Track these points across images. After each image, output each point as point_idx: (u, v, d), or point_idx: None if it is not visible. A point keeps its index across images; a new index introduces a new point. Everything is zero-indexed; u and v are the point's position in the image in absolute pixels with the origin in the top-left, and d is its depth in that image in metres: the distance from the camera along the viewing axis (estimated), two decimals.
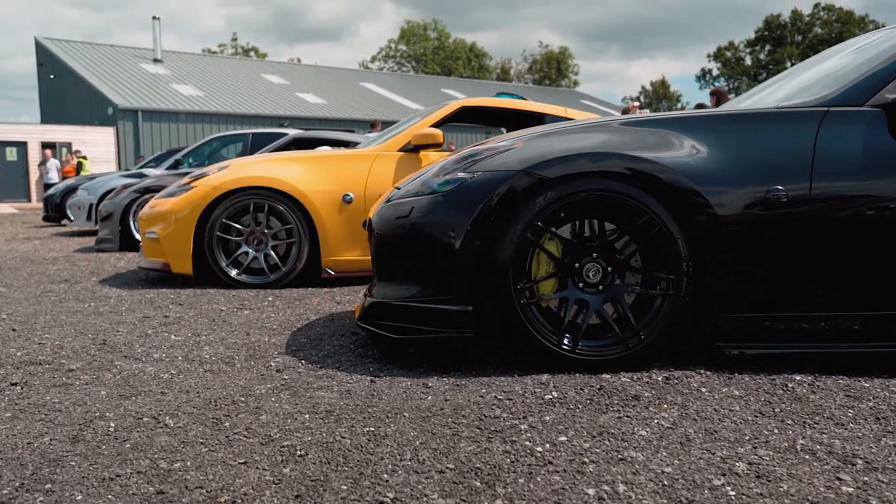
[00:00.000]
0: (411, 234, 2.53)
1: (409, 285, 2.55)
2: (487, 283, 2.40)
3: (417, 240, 2.51)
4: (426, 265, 2.49)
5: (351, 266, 4.63)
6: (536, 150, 2.44)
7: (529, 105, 5.03)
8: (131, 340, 3.06)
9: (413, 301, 2.51)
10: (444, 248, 2.43)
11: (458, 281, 2.42)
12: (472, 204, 2.41)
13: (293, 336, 3.14)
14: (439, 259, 2.44)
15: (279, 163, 4.68)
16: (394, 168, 4.67)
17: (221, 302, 4.07)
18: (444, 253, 2.43)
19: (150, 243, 4.71)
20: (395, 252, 2.61)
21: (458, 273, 2.41)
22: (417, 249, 2.51)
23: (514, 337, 2.40)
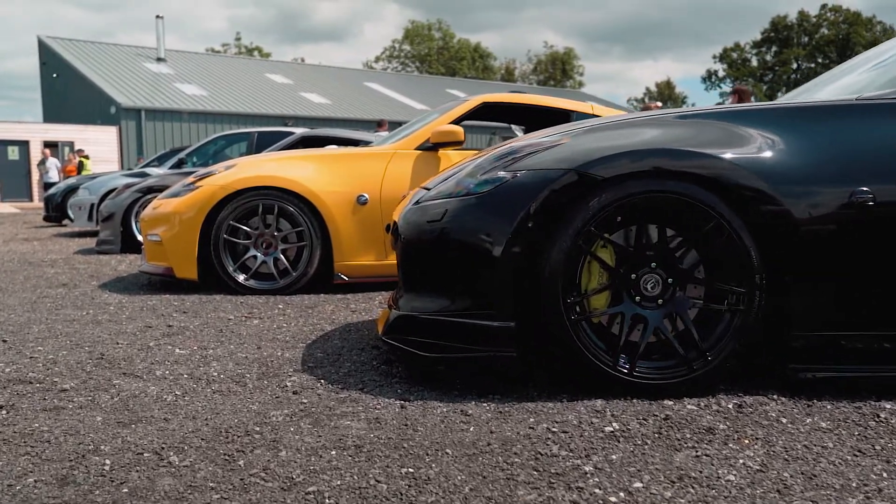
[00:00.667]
0: (444, 240, 2.26)
1: (441, 297, 2.28)
2: (532, 296, 2.13)
3: (451, 247, 2.24)
4: (462, 275, 2.22)
5: (365, 271, 4.36)
6: (587, 147, 2.17)
7: (555, 101, 4.75)
8: (131, 354, 2.79)
9: (446, 315, 2.24)
10: (482, 257, 2.16)
11: (498, 293, 2.15)
12: (514, 207, 2.14)
13: (308, 350, 2.87)
14: (477, 268, 2.17)
15: (289, 161, 4.41)
16: (411, 167, 4.40)
17: (228, 310, 3.80)
18: (483, 262, 2.16)
19: (153, 246, 4.44)
20: (425, 260, 2.34)
21: (499, 284, 2.14)
22: (451, 257, 2.24)
23: (563, 357, 2.12)
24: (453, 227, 2.24)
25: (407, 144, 4.48)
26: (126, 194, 7.15)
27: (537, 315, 2.13)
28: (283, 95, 31.74)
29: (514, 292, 2.14)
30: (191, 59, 34.15)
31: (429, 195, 2.42)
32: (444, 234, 2.26)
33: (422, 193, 2.52)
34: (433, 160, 4.43)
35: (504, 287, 2.14)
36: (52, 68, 31.25)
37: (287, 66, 38.51)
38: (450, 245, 2.25)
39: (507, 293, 2.14)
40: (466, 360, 2.21)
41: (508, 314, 2.14)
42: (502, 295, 2.14)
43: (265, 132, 9.29)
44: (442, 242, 2.27)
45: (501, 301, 2.15)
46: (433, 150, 4.44)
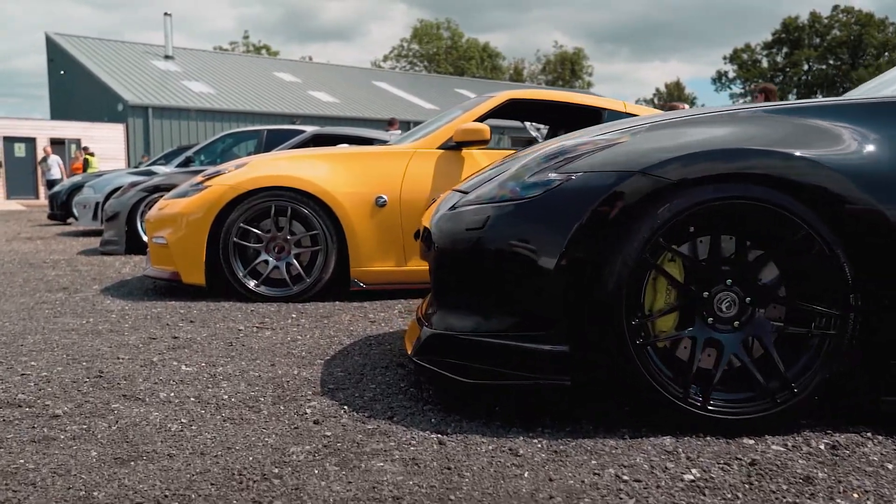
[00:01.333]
0: (486, 250, 1.99)
1: (482, 315, 2.01)
2: (589, 317, 1.85)
3: (495, 258, 1.97)
4: (506, 291, 1.95)
5: (384, 278, 4.09)
6: (653, 146, 1.90)
7: (586, 99, 4.48)
8: (133, 371, 2.53)
9: (487, 336, 1.97)
10: (531, 270, 1.89)
11: (549, 313, 1.88)
12: (568, 214, 1.86)
13: (327, 368, 2.61)
14: (525, 284, 1.90)
15: (304, 160, 4.15)
16: (433, 167, 4.13)
17: (238, 319, 3.54)
18: (532, 276, 1.89)
19: (158, 249, 4.19)
20: (464, 272, 2.07)
21: (551, 302, 1.87)
22: (495, 270, 1.97)
23: (626, 387, 1.85)
24: (497, 236, 1.97)
25: (428, 143, 4.21)
26: (131, 193, 6.91)
27: (595, 338, 1.85)
28: (290, 94, 31.52)
29: (568, 312, 1.87)
30: (199, 56, 33.97)
31: (467, 199, 2.15)
32: (487, 244, 1.99)
33: (458, 197, 2.25)
34: (456, 160, 4.16)
35: (556, 305, 1.87)
36: (60, 65, 31.10)
37: (295, 65, 38.29)
38: (493, 256, 1.98)
39: (559, 312, 1.87)
40: (513, 390, 1.94)
41: (561, 337, 1.87)
42: (554, 314, 1.87)
43: (275, 130, 9.05)
44: (483, 253, 2.00)
45: (553, 321, 1.88)
46: (456, 149, 4.17)
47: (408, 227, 4.06)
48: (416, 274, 4.10)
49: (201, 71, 31.37)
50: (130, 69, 29.19)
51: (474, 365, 1.99)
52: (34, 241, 8.42)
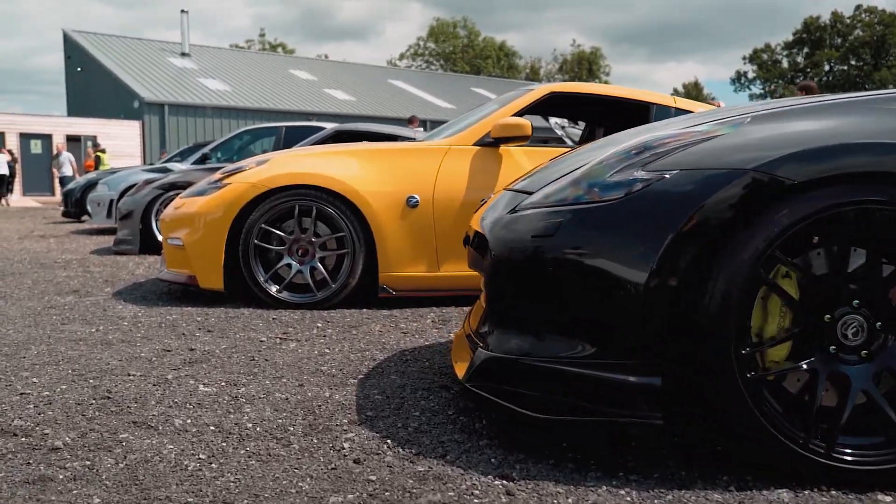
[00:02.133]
0: (559, 261, 1.69)
1: (552, 338, 1.71)
2: (688, 344, 1.55)
3: (570, 271, 1.67)
4: (586, 311, 1.65)
5: (415, 284, 3.80)
6: (761, 139, 1.59)
7: (634, 93, 4.16)
8: (145, 392, 2.25)
9: (561, 363, 1.67)
10: (616, 287, 1.59)
11: (639, 338, 1.57)
12: (663, 219, 1.56)
13: (361, 389, 2.32)
14: (609, 303, 1.60)
15: (330, 157, 3.86)
16: (468, 165, 3.83)
17: (260, 328, 3.25)
18: (618, 294, 1.58)
19: (174, 251, 3.91)
20: (529, 287, 1.77)
21: (641, 326, 1.57)
22: (570, 286, 1.67)
23: (733, 429, 1.54)
24: (571, 246, 1.67)
25: (464, 139, 3.91)
26: (146, 191, 6.66)
27: (694, 370, 1.55)
28: (306, 92, 31.33)
29: (660, 337, 1.56)
30: (215, 54, 33.85)
31: (532, 201, 1.85)
32: (558, 255, 1.69)
33: (518, 199, 1.95)
34: (493, 158, 3.86)
35: (646, 330, 1.56)
36: (77, 62, 31.08)
37: (311, 63, 38.11)
38: (566, 269, 1.67)
39: (650, 338, 1.56)
40: (591, 427, 1.63)
41: (652, 367, 1.57)
42: (644, 340, 1.57)
43: (293, 127, 8.78)
44: (554, 265, 1.70)
45: (642, 349, 1.57)
46: (494, 145, 3.87)
47: (441, 229, 3.77)
48: (450, 280, 3.81)
49: (217, 68, 31.25)
50: (147, 66, 29.10)
51: (544, 396, 1.69)
52: (47, 240, 8.20)
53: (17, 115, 24.98)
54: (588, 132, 5.08)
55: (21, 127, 24.43)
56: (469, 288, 3.83)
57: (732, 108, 1.93)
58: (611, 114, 4.46)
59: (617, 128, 4.71)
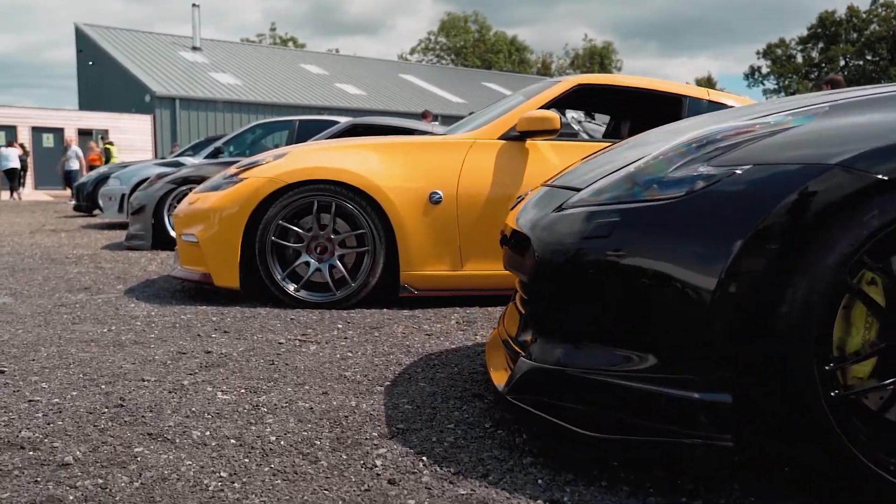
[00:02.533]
0: (613, 265, 1.54)
1: (605, 348, 1.56)
2: (763, 358, 1.40)
3: (627, 276, 1.52)
4: (645, 319, 1.50)
5: (437, 283, 3.65)
6: (847, 131, 1.43)
7: (666, 85, 4.00)
8: (160, 399, 2.12)
9: (614, 376, 1.52)
10: (681, 294, 1.44)
11: (707, 351, 1.42)
12: (734, 219, 1.41)
13: (389, 397, 2.18)
14: (672, 311, 1.45)
15: (350, 151, 3.72)
16: (493, 160, 3.68)
17: (278, 329, 3.12)
18: (683, 301, 1.44)
19: (188, 248, 3.78)
20: (579, 292, 1.62)
21: (709, 337, 1.42)
22: (626, 292, 1.52)
23: (815, 454, 1.39)
24: (628, 248, 1.52)
25: (488, 133, 3.76)
26: (158, 185, 6.54)
27: (769, 387, 1.40)
28: (318, 86, 31.23)
29: (731, 350, 1.41)
30: (226, 48, 33.79)
31: (581, 199, 1.70)
32: (612, 258, 1.54)
33: (564, 196, 1.80)
34: (520, 152, 3.71)
35: (715, 341, 1.41)
36: (88, 56, 31.07)
37: (322, 57, 38.00)
38: (622, 274, 1.53)
39: (720, 351, 1.41)
40: (649, 447, 1.49)
41: (720, 382, 1.42)
42: (712, 353, 1.42)
43: (307, 120, 8.64)
44: (608, 269, 1.55)
45: (709, 362, 1.42)
46: (520, 139, 3.72)
47: (465, 226, 3.62)
48: (473, 279, 3.66)
49: (229, 62, 31.18)
50: (158, 60, 29.07)
51: (594, 412, 1.55)
52: (58, 234, 8.11)
53: (29, 109, 24.99)
54: (613, 127, 4.92)
55: (33, 121, 24.43)
56: (494, 288, 3.69)
57: (798, 99, 1.78)
58: (640, 107, 4.30)
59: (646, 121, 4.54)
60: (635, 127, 4.65)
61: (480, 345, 2.92)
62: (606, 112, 4.76)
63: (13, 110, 24.50)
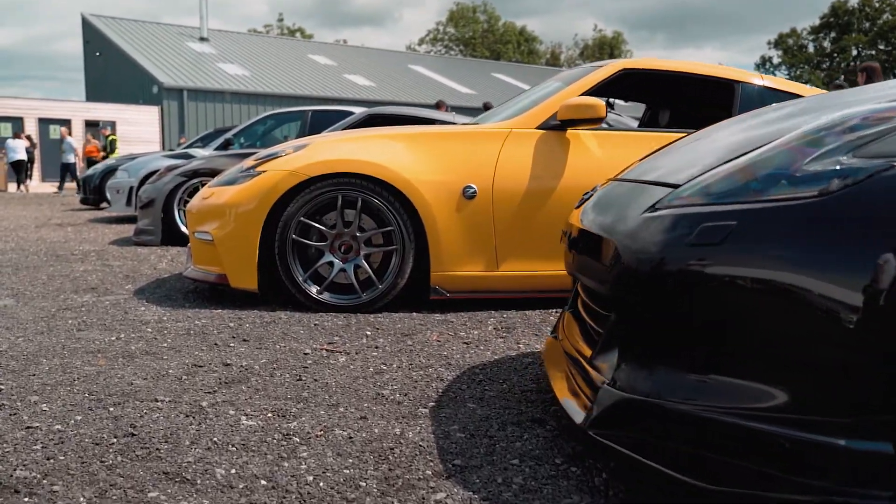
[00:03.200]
0: (730, 278, 1.26)
1: (717, 379, 1.29)
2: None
3: (748, 291, 1.24)
4: (771, 345, 1.22)
5: (471, 285, 3.38)
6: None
7: (716, 69, 3.69)
8: (176, 426, 1.85)
9: (731, 413, 1.24)
10: (820, 315, 1.16)
11: (857, 386, 1.14)
12: (893, 222, 1.12)
13: (437, 422, 1.90)
14: (809, 336, 1.17)
15: (376, 142, 3.44)
16: (532, 151, 3.40)
17: (301, 337, 2.85)
18: (823, 323, 1.15)
19: (202, 246, 3.51)
20: (681, 310, 1.34)
21: (859, 369, 1.13)
22: (748, 311, 1.24)
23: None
24: (751, 256, 1.24)
25: (526, 122, 3.47)
26: (168, 178, 6.28)
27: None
28: (326, 77, 30.92)
29: (890, 384, 1.13)
30: (234, 39, 33.50)
31: (682, 196, 1.42)
32: (730, 269, 1.26)
33: (658, 192, 1.51)
34: (560, 143, 3.42)
35: (867, 375, 1.13)
36: (95, 47, 30.82)
37: (330, 48, 37.66)
38: (742, 288, 1.25)
39: (874, 387, 1.13)
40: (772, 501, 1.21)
41: (877, 427, 1.14)
42: (863, 390, 1.14)
43: (320, 111, 8.37)
44: (723, 282, 1.27)
45: (860, 401, 1.14)
46: (560, 129, 3.43)
47: (501, 223, 3.34)
48: (510, 281, 3.39)
49: (236, 53, 30.90)
50: (165, 51, 28.81)
51: (704, 456, 1.27)
52: (64, 228, 7.86)
53: (36, 101, 24.78)
54: (650, 115, 4.62)
55: (40, 112, 24.22)
56: (532, 290, 3.42)
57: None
58: (688, 93, 4.00)
59: (692, 109, 4.24)
60: (677, 115, 4.36)
61: (525, 355, 2.65)
62: (649, 99, 4.46)
63: (20, 101, 24.29)
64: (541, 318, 3.24)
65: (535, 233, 3.35)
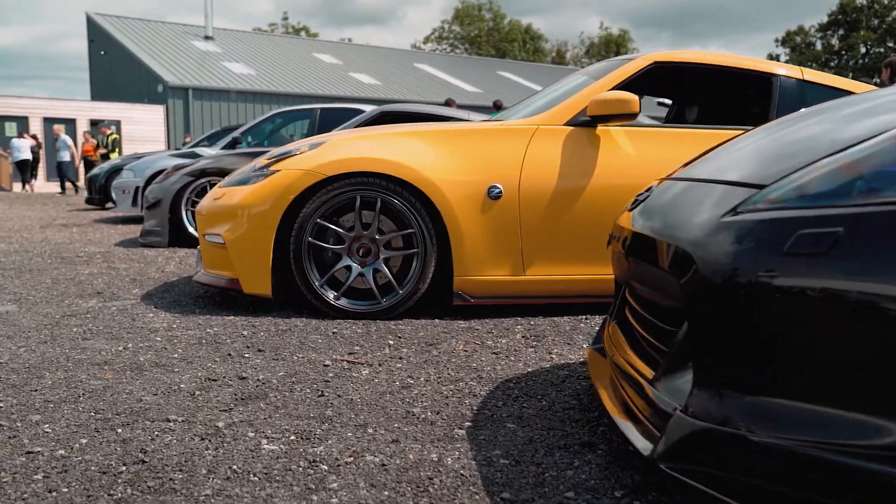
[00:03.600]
0: (839, 292, 1.08)
1: (817, 409, 1.11)
2: None
3: (860, 308, 1.06)
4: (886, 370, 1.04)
5: (496, 290, 3.20)
6: None
7: (753, 62, 3.51)
8: (191, 451, 1.68)
9: (838, 451, 1.07)
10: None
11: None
12: None
13: (476, 446, 1.73)
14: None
15: (396, 139, 3.27)
16: (560, 149, 3.22)
17: (320, 347, 2.69)
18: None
19: (213, 250, 3.35)
20: (773, 327, 1.17)
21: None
22: (862, 333, 1.07)
23: None
24: (865, 267, 1.07)
25: (553, 118, 3.30)
26: (175, 177, 6.12)
27: None
28: (332, 75, 30.76)
29: None
30: (239, 37, 33.36)
31: (772, 198, 1.24)
32: (838, 281, 1.09)
33: (738, 193, 1.34)
34: (590, 140, 3.24)
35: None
36: (100, 46, 30.71)
37: (335, 46, 37.50)
38: (853, 304, 1.07)
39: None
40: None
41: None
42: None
43: (329, 109, 8.20)
44: (828, 297, 1.09)
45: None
46: (590, 125, 3.25)
47: (528, 225, 3.17)
48: (537, 286, 3.21)
49: (242, 52, 30.76)
50: (170, 50, 28.68)
51: (807, 498, 1.10)
52: (69, 229, 7.71)
53: (41, 100, 24.67)
54: (676, 111, 4.44)
55: (45, 111, 24.11)
56: (560, 295, 3.24)
57: None
58: (722, 88, 3.82)
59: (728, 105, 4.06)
60: (706, 111, 4.18)
61: (559, 367, 2.47)
62: (683, 94, 4.27)
63: (25, 101, 24.18)
64: (571, 326, 3.07)
65: (564, 235, 3.18)
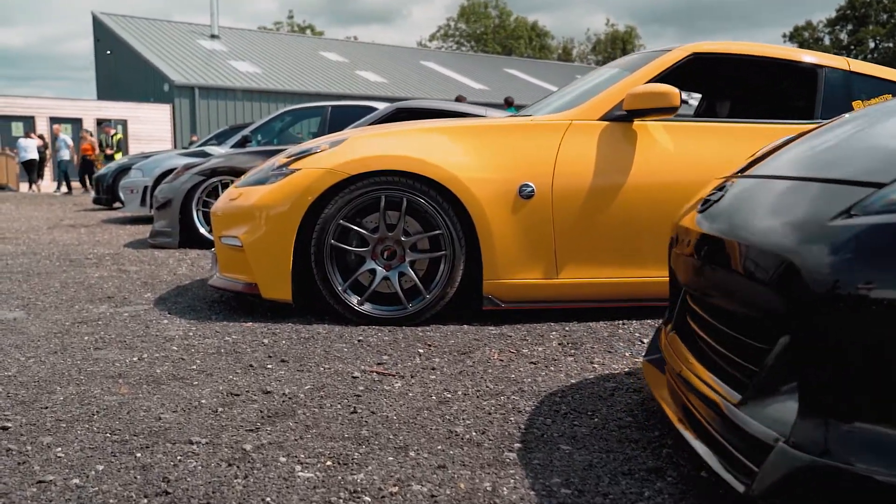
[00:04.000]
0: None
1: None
2: None
3: None
4: None
5: (528, 294, 3.04)
6: None
7: (797, 53, 3.33)
8: (219, 480, 1.52)
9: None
10: None
11: None
12: None
13: (531, 471, 1.57)
14: None
15: (421, 136, 3.10)
16: (595, 145, 3.05)
17: (346, 356, 2.53)
18: None
19: (229, 253, 3.19)
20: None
21: None
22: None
23: None
24: None
25: (586, 112, 3.13)
26: (185, 177, 5.96)
27: None
28: (338, 74, 30.62)
29: None
30: (244, 36, 33.25)
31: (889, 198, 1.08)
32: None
33: (849, 194, 1.17)
34: (627, 136, 3.07)
35: None
36: (106, 45, 30.63)
37: (341, 45, 37.35)
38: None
39: None
40: None
41: None
42: None
43: (340, 106, 8.04)
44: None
45: None
46: (626, 120, 3.08)
47: (561, 225, 3.00)
48: (572, 289, 3.05)
49: (247, 50, 30.64)
50: (176, 49, 28.58)
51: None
52: (77, 230, 7.58)
53: (47, 100, 24.58)
54: (706, 104, 4.26)
55: (51, 111, 24.01)
56: (595, 299, 3.08)
57: None
58: (765, 80, 3.64)
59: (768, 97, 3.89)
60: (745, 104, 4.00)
61: (604, 378, 2.31)
62: (723, 86, 4.08)
63: (31, 101, 24.09)
64: (609, 332, 2.90)
65: (600, 236, 3.01)
